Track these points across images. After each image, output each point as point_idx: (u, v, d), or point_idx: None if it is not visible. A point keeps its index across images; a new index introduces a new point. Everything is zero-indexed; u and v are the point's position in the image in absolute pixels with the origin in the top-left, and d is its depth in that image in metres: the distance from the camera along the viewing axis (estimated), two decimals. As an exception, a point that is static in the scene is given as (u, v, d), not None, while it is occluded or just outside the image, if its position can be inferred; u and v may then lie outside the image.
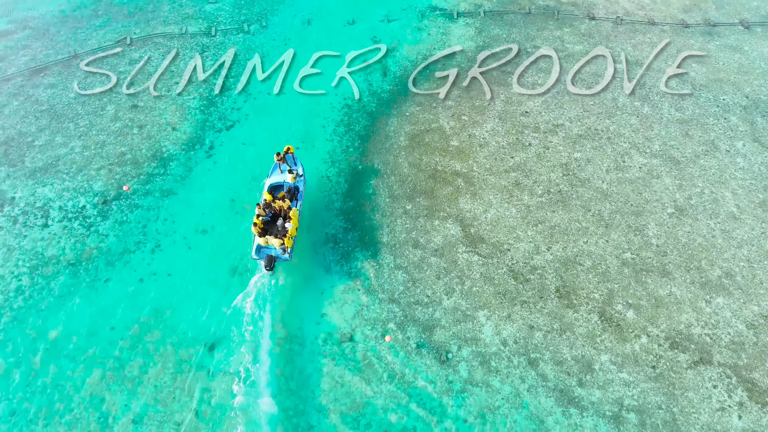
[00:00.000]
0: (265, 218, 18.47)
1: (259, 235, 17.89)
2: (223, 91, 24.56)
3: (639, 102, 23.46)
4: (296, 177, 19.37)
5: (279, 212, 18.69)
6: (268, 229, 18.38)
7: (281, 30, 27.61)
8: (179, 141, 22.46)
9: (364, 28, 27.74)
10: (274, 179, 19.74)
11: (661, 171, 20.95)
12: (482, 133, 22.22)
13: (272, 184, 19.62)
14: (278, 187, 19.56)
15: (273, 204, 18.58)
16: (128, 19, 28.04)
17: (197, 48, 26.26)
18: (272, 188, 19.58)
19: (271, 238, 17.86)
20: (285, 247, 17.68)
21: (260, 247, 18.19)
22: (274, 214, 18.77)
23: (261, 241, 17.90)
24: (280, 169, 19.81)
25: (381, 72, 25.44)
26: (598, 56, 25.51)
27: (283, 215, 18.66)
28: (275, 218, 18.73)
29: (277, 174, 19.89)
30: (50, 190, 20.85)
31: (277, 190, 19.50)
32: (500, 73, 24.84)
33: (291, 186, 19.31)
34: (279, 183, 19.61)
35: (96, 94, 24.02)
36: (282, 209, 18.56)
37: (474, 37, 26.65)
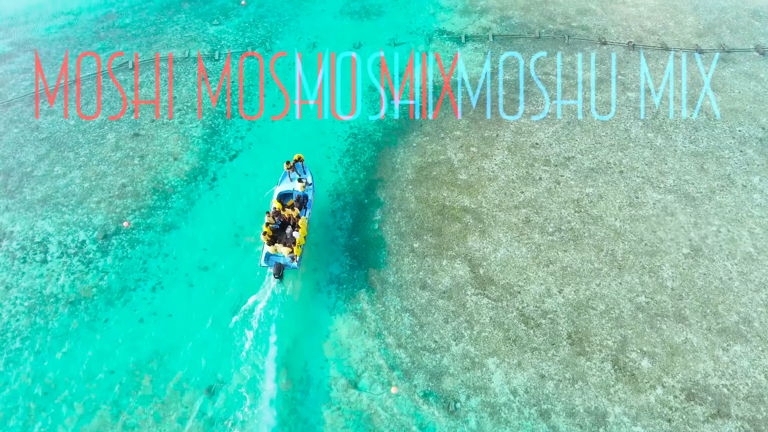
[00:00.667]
0: (274, 226, 18.82)
1: (269, 243, 18.18)
2: (227, 118, 24.29)
3: (652, 133, 23.13)
4: (305, 185, 19.79)
5: (288, 220, 19.06)
6: (277, 237, 18.70)
7: (286, 54, 27.36)
8: (181, 172, 22.22)
9: (371, 51, 27.50)
10: (284, 187, 20.14)
11: (675, 208, 20.59)
12: (491, 166, 21.92)
13: (282, 192, 20.05)
14: (287, 195, 20.04)
15: (282, 212, 18.99)
16: (130, 41, 27.90)
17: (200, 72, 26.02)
18: (281, 196, 20.03)
19: (280, 246, 18.21)
20: (294, 256, 18.04)
21: (269, 255, 18.58)
22: (283, 222, 19.15)
23: (270, 249, 18.21)
24: (290, 178, 20.28)
25: (387, 98, 25.16)
26: (609, 82, 25.16)
27: (292, 223, 19.04)
28: (284, 226, 19.12)
29: (287, 182, 20.32)
30: (49, 224, 20.62)
31: (286, 198, 19.97)
32: (509, 102, 24.53)
33: (300, 194, 19.75)
34: (288, 191, 20.04)
35: (96, 122, 23.79)
36: (291, 217, 18.95)
37: (482, 63, 26.37)
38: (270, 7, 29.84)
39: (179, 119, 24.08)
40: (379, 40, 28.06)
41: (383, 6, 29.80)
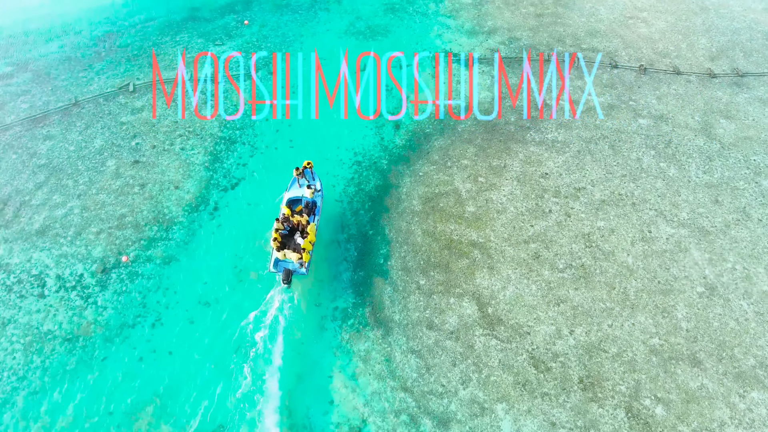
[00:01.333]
0: (283, 232, 19.24)
1: (278, 249, 18.61)
2: (230, 143, 24.05)
3: (665, 162, 22.79)
4: (314, 192, 20.20)
5: (297, 226, 19.45)
6: (286, 243, 19.09)
7: (290, 76, 27.10)
8: (182, 201, 21.96)
9: (376, 71, 27.20)
10: (293, 193, 20.51)
11: (689, 243, 20.23)
12: (500, 197, 21.60)
13: (291, 198, 20.42)
14: (296, 201, 20.39)
15: (291, 218, 19.40)
16: (131, 62, 27.71)
17: (202, 95, 25.77)
18: (290, 202, 20.39)
19: (289, 252, 18.59)
20: (302, 262, 18.50)
21: (278, 261, 18.87)
22: (292, 228, 19.55)
23: (279, 254, 18.62)
24: (299, 184, 20.64)
25: (393, 124, 24.88)
26: (622, 108, 24.86)
27: (300, 230, 19.43)
28: (293, 232, 19.51)
29: (296, 188, 20.69)
30: (47, 256, 20.37)
31: (295, 204, 20.35)
32: (518, 128, 24.23)
33: (309, 201, 20.15)
34: (297, 197, 20.43)
35: (96, 148, 23.57)
36: (300, 224, 19.37)
37: (490, 87, 26.09)
38: (273, 26, 29.64)
39: (180, 145, 23.85)
40: (384, 60, 27.75)
41: (389, 26, 29.56)
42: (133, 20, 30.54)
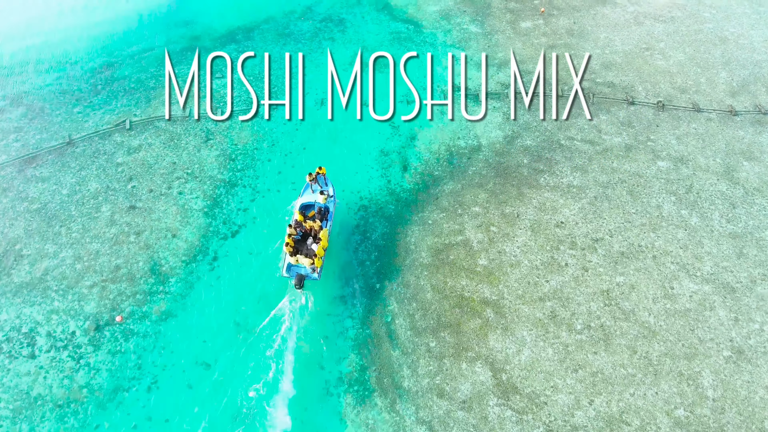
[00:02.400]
0: (296, 237, 19.75)
1: (291, 254, 19.12)
2: (230, 186, 23.39)
3: (686, 210, 22.03)
4: (327, 198, 20.70)
5: (309, 232, 19.98)
6: (299, 248, 19.63)
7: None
8: (179, 251, 21.28)
9: (381, 110, 26.52)
10: (306, 199, 21.08)
11: (714, 301, 19.45)
12: (513, 249, 20.86)
13: (303, 203, 20.97)
14: (309, 207, 20.96)
15: (304, 224, 19.99)
16: (128, 95, 27.11)
17: (202, 134, 25.15)
18: (303, 207, 20.94)
19: (302, 258, 19.15)
20: (314, 267, 19.01)
21: (290, 266, 19.46)
22: (305, 233, 20.09)
23: (292, 260, 19.21)
24: (312, 189, 21.20)
25: (400, 165, 24.20)
26: (640, 150, 24.13)
27: (313, 235, 19.91)
28: (305, 237, 20.05)
29: (309, 194, 21.25)
30: (38, 312, 19.70)
31: (307, 210, 20.89)
32: (531, 171, 23.51)
33: (322, 206, 20.59)
34: (310, 203, 21.01)
35: (91, 191, 22.92)
36: (312, 229, 19.87)
37: (502, 125, 25.40)
38: (276, 57, 28.97)
39: (178, 189, 23.19)
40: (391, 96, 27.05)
41: (395, 58, 28.85)
42: (131, 50, 29.96)
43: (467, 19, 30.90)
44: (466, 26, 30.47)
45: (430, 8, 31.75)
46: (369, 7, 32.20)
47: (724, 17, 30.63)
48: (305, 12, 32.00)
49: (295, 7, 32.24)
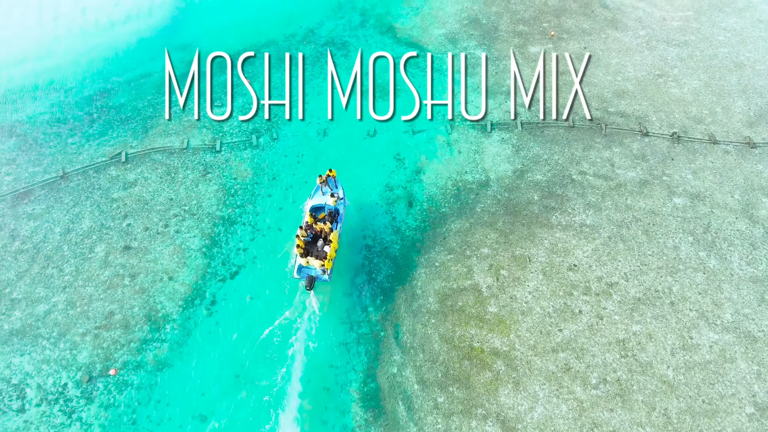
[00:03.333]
0: (306, 239, 20.11)
1: (301, 255, 19.65)
2: (229, 224, 22.79)
3: (704, 251, 21.37)
4: (337, 200, 21.07)
5: (320, 234, 20.34)
6: (309, 250, 20.08)
7: (294, 143, 25.95)
8: (176, 295, 20.68)
9: (386, 140, 25.99)
10: (316, 201, 21.44)
11: (735, 352, 18.78)
12: (524, 294, 20.21)
13: (314, 205, 21.35)
14: (319, 209, 21.32)
15: (314, 226, 20.36)
16: (124, 125, 26.55)
17: (200, 167, 24.57)
18: (313, 209, 21.31)
19: (312, 259, 19.68)
20: (325, 269, 19.54)
21: (301, 267, 20.02)
22: (315, 235, 20.46)
23: (302, 261, 19.78)
24: (322, 192, 21.56)
25: (406, 201, 23.58)
26: (655, 185, 23.48)
27: (323, 237, 20.26)
28: (316, 239, 20.44)
29: (319, 196, 21.61)
30: (28, 362, 19.10)
31: (318, 212, 21.28)
32: (542, 209, 22.87)
33: (332, 209, 21.07)
34: (320, 205, 21.35)
35: (85, 230, 22.33)
36: (323, 231, 20.20)
37: (511, 158, 24.77)
38: (276, 84, 28.39)
39: (175, 227, 22.60)
40: (396, 126, 26.53)
41: (400, 83, 28.27)
42: (127, 75, 29.43)
43: (474, 43, 30.34)
44: (473, 50, 29.92)
45: (436, 31, 31.21)
46: (373, 30, 31.66)
47: (739, 41, 30.03)
48: (307, 35, 31.47)
49: (296, 30, 31.73)
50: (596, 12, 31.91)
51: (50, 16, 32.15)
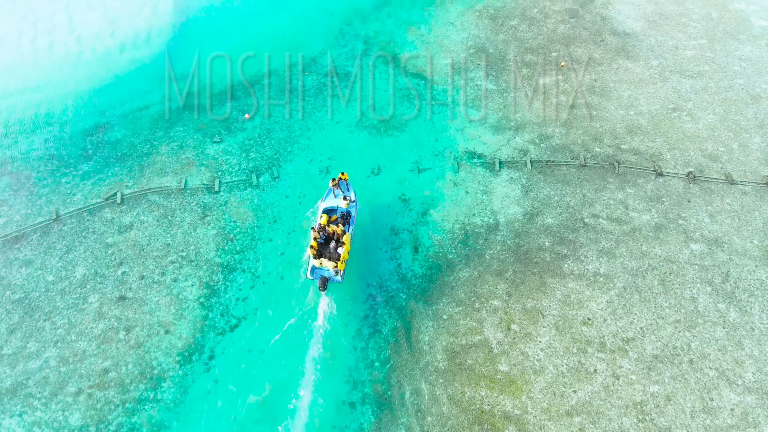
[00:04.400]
0: (319, 240, 20.83)
1: (315, 257, 20.33)
2: (228, 271, 22.23)
3: (723, 303, 20.76)
4: (349, 203, 21.84)
5: (332, 235, 21.03)
6: (322, 251, 20.80)
7: (295, 182, 25.41)
8: (173, 350, 20.11)
9: (391, 179, 25.43)
10: (328, 203, 22.20)
11: (758, 415, 18.16)
12: (536, 351, 19.61)
13: (326, 208, 22.15)
14: (331, 211, 22.12)
15: (327, 227, 21.05)
16: (120, 163, 26.03)
17: (198, 209, 24.01)
18: (326, 211, 22.08)
19: (325, 261, 20.28)
20: (338, 270, 20.21)
21: (314, 268, 20.67)
22: (328, 236, 21.16)
23: (316, 262, 20.43)
24: (334, 194, 22.40)
25: (411, 246, 23.00)
26: (671, 230, 22.88)
27: (336, 239, 20.99)
28: (328, 241, 21.15)
29: (331, 198, 22.41)
30: (18, 424, 18.56)
31: (330, 214, 22.03)
32: (554, 256, 22.27)
33: (344, 211, 21.81)
34: (333, 207, 22.13)
35: (78, 278, 21.77)
36: (335, 233, 20.96)
37: (520, 200, 24.19)
38: (277, 118, 27.96)
39: (172, 275, 22.05)
40: (401, 163, 25.99)
41: (405, 118, 27.78)
42: (124, 108, 28.93)
43: (481, 74, 29.83)
44: (480, 82, 29.40)
45: (442, 61, 30.70)
46: (376, 59, 31.19)
47: (755, 71, 29.48)
48: (308, 64, 30.98)
49: (298, 59, 31.22)
50: (607, 40, 31.40)
51: (44, 44, 31.70)
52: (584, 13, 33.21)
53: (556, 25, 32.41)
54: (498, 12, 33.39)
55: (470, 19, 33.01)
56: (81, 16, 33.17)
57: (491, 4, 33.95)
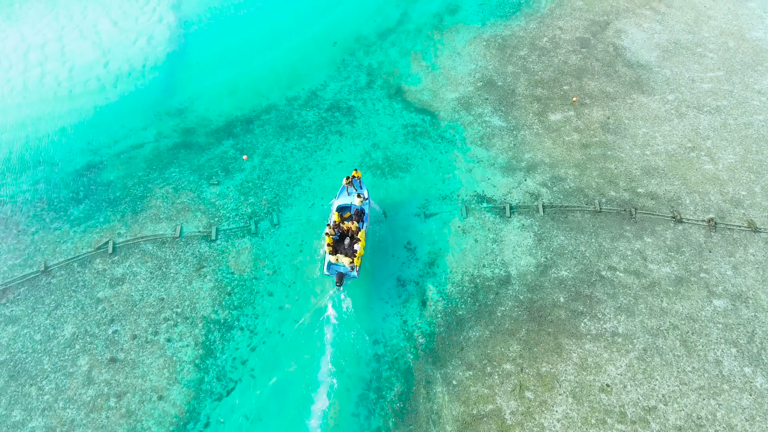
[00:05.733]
0: (334, 237, 21.64)
1: (331, 253, 21.12)
2: (225, 329, 21.34)
3: (749, 367, 19.84)
4: (363, 200, 22.42)
5: (347, 232, 21.86)
6: (337, 248, 21.62)
7: (295, 228, 24.57)
8: (167, 418, 19.23)
9: (396, 225, 24.55)
10: (342, 201, 22.96)
11: (791, 496, 17.13)
12: (552, 422, 18.68)
13: (340, 205, 22.89)
14: (345, 208, 22.79)
15: (342, 225, 21.87)
16: (113, 207, 25.21)
17: (194, 260, 23.12)
18: (339, 209, 22.81)
19: (341, 257, 21.03)
20: (353, 266, 20.91)
21: (331, 264, 21.37)
22: (342, 233, 21.98)
23: (332, 258, 21.09)
24: (347, 192, 23.09)
25: (418, 300, 22.09)
26: (692, 284, 21.95)
27: (350, 236, 21.84)
28: (343, 237, 22.00)
29: (345, 196, 23.17)
30: (1, 503, 17.54)
31: (343, 211, 22.72)
32: (569, 314, 21.35)
33: (358, 208, 22.46)
34: (346, 204, 22.86)
35: (67, 337, 20.87)
36: (350, 230, 21.78)
37: (533, 250, 23.29)
38: (277, 157, 27.13)
39: (166, 334, 21.19)
40: (406, 208, 25.11)
41: (410, 158, 26.99)
42: (117, 147, 28.12)
43: (489, 109, 28.97)
44: (488, 118, 28.54)
45: (448, 95, 29.86)
46: (380, 92, 30.33)
47: (775, 106, 28.58)
48: (309, 98, 30.16)
49: (299, 92, 30.42)
50: (620, 72, 30.55)
51: (36, 75, 30.88)
52: (596, 42, 32.39)
53: (567, 55, 31.58)
54: (506, 41, 32.57)
55: (477, 48, 32.18)
56: (74, 45, 32.41)
57: (499, 32, 33.14)
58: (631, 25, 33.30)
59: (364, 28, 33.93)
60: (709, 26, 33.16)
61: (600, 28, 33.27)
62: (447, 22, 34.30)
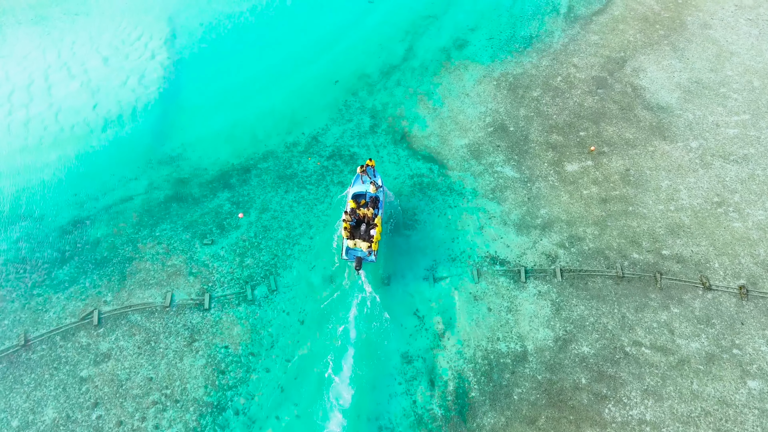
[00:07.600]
0: (351, 223, 22.77)
1: (348, 238, 22.24)
2: (218, 412, 20.00)
3: (791, 461, 18.36)
4: (377, 188, 23.74)
5: (363, 218, 23.00)
6: (354, 233, 22.73)
7: (295, 294, 23.30)
8: None
9: (402, 290, 23.27)
10: (357, 189, 24.23)
11: None
12: None
13: (355, 193, 24.11)
14: (360, 195, 24.09)
15: (358, 211, 23.11)
16: (99, 269, 23.95)
17: (185, 333, 21.81)
18: (355, 196, 24.05)
19: (359, 242, 22.20)
20: (371, 250, 22.09)
21: (349, 249, 22.42)
22: (358, 219, 23.13)
23: (350, 243, 22.23)
24: (362, 180, 24.35)
25: (427, 378, 20.77)
26: (724, 362, 20.60)
27: (366, 221, 22.94)
28: (359, 224, 23.16)
29: (359, 184, 24.40)
30: None
31: (359, 198, 24.01)
32: (592, 398, 19.98)
33: (372, 195, 23.57)
34: (361, 192, 24.11)
35: (47, 424, 19.54)
36: (366, 216, 22.93)
37: (551, 321, 21.96)
38: (275, 212, 25.89)
39: (154, 420, 19.90)
40: (414, 269, 23.83)
41: (417, 212, 25.71)
42: (105, 199, 26.89)
43: (501, 158, 27.71)
44: (501, 168, 27.27)
45: (457, 141, 28.61)
46: (385, 137, 29.10)
47: (806, 155, 27.28)
48: (310, 144, 28.94)
49: (299, 137, 29.20)
50: (639, 116, 29.28)
51: (20, 119, 29.68)
52: (613, 81, 31.15)
53: (582, 97, 30.34)
54: (518, 81, 31.34)
55: (487, 89, 30.96)
56: (61, 86, 31.22)
57: (510, 70, 31.93)
58: (650, 63, 32.06)
59: (367, 65, 32.75)
60: (732, 63, 31.92)
61: (617, 65, 32.03)
62: (454, 58, 33.10)
